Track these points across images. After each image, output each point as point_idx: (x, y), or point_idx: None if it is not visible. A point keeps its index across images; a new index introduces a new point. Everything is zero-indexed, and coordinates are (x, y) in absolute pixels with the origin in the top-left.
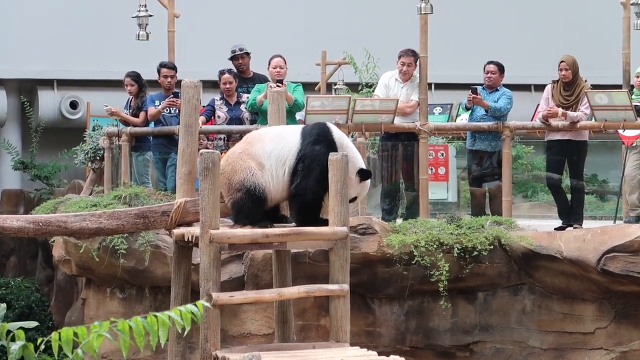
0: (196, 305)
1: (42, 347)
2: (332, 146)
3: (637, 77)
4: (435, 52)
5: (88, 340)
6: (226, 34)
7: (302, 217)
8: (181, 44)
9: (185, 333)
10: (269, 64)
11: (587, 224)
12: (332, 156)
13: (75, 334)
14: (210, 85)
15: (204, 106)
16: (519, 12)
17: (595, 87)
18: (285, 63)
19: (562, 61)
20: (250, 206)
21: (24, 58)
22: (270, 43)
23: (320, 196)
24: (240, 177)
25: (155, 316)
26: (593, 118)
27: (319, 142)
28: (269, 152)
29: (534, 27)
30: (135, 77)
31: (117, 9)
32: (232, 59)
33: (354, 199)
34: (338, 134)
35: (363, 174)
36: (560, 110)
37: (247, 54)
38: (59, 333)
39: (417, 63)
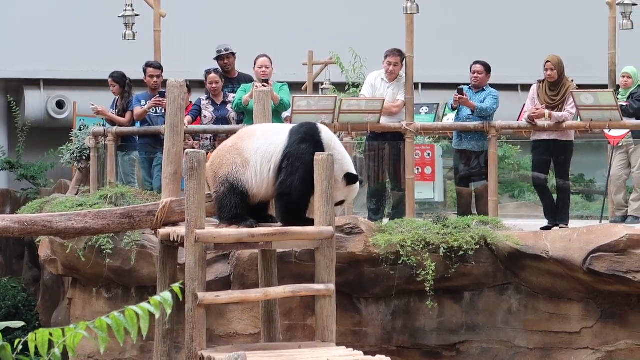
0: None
1: (20, 347)
2: (318, 146)
3: (623, 77)
4: (422, 52)
5: (64, 340)
6: (212, 33)
7: (287, 217)
8: (167, 44)
9: (167, 317)
10: (255, 64)
11: (573, 223)
12: (317, 156)
13: (51, 335)
14: (196, 85)
15: (191, 102)
16: (505, 12)
17: (581, 87)
18: (271, 63)
19: (547, 61)
20: (232, 201)
21: (11, 58)
22: (256, 42)
23: (307, 196)
24: (225, 171)
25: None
26: (579, 118)
27: (305, 141)
28: (256, 148)
29: (520, 27)
30: (117, 77)
31: (103, 8)
32: (217, 59)
33: (341, 203)
34: (327, 135)
35: (350, 178)
36: (546, 112)
37: (233, 54)
38: (36, 334)
39: (404, 63)
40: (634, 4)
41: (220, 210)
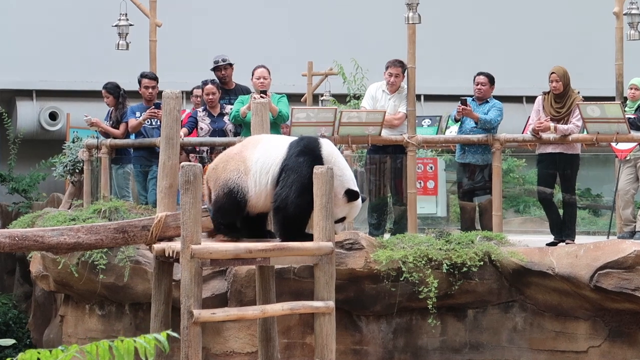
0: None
1: None
2: (317, 160)
3: (631, 88)
4: (424, 63)
5: None
6: (209, 43)
7: (285, 232)
8: (163, 54)
9: None
10: (252, 75)
11: (579, 239)
12: (316, 169)
13: (39, 358)
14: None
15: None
16: (509, 23)
17: (587, 99)
18: (269, 73)
19: (552, 72)
20: (229, 207)
21: (2, 68)
22: (254, 53)
23: (304, 210)
24: (227, 176)
25: (122, 341)
26: (585, 131)
27: (303, 154)
28: (257, 158)
29: (524, 37)
30: (111, 88)
31: (97, 18)
32: (214, 69)
33: (341, 220)
34: (328, 150)
35: (350, 195)
36: (551, 125)
37: (230, 64)
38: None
39: (405, 74)
40: None
41: (215, 213)
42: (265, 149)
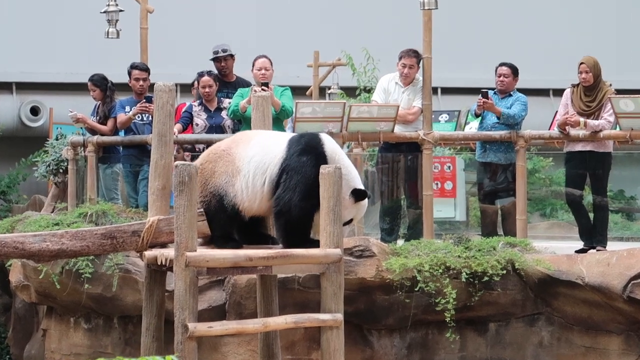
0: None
1: None
2: (321, 159)
3: None
4: (441, 52)
5: None
6: (205, 31)
7: (288, 238)
8: (155, 43)
9: None
10: (253, 66)
11: (612, 245)
12: (323, 169)
13: None
14: (187, 89)
15: (186, 111)
16: (535, 8)
17: (620, 92)
18: (272, 64)
19: (581, 63)
20: (222, 217)
21: None
22: (255, 42)
23: (309, 214)
24: (217, 181)
25: None
26: (618, 127)
27: (306, 153)
28: (251, 156)
29: (551, 24)
30: (97, 80)
31: (84, 3)
32: (213, 60)
33: (349, 222)
34: (331, 147)
35: (358, 194)
36: (581, 120)
37: (232, 55)
38: None
39: (420, 65)
40: None
41: (210, 224)
42: (260, 147)
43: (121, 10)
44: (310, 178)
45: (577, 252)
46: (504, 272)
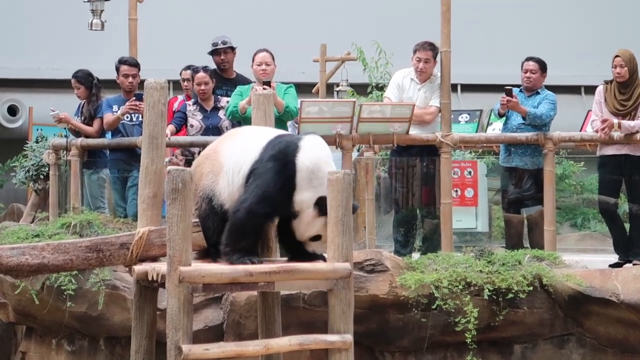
0: None
1: None
2: (288, 169)
3: None
4: (461, 46)
5: None
6: (201, 23)
7: (225, 239)
8: (145, 36)
9: None
10: (253, 60)
11: None
12: (331, 175)
13: None
14: (180, 86)
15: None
16: None
17: None
18: (273, 59)
19: (616, 56)
20: (215, 220)
21: None
22: (255, 34)
23: (257, 222)
24: (204, 183)
25: None
26: None
27: (274, 160)
28: (232, 153)
29: (583, 15)
30: (82, 77)
31: None
32: (212, 53)
33: (316, 238)
34: (308, 156)
35: (322, 206)
36: (615, 121)
37: (232, 48)
38: None
39: (437, 59)
40: None
41: (204, 231)
42: (241, 144)
43: (107, 0)
44: (270, 185)
45: (612, 266)
46: (531, 288)
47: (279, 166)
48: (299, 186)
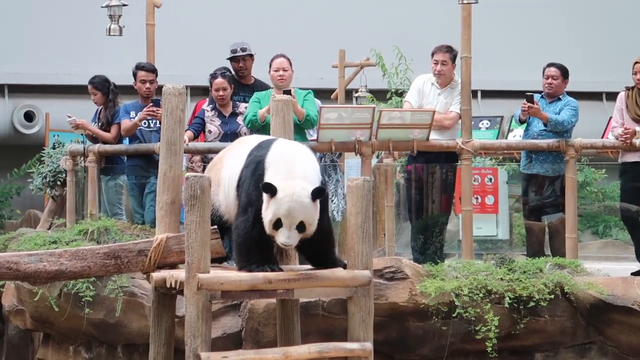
0: None
1: None
2: (259, 170)
3: None
4: (482, 51)
5: None
6: (218, 28)
7: (236, 261)
8: (163, 41)
9: None
10: (270, 66)
11: None
12: (350, 182)
13: None
14: (199, 92)
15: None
16: (586, 3)
17: None
18: (291, 64)
19: (636, 62)
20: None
21: None
22: (274, 39)
23: (253, 233)
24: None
25: None
26: None
27: (250, 165)
28: (229, 165)
29: (604, 22)
30: (99, 83)
31: None
32: (231, 59)
33: (276, 224)
34: (277, 153)
35: (264, 188)
36: (638, 129)
37: (251, 55)
38: None
39: (455, 62)
40: None
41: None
42: (240, 154)
43: (125, 5)
44: (247, 193)
45: (634, 274)
46: (552, 296)
47: (252, 171)
48: (267, 179)
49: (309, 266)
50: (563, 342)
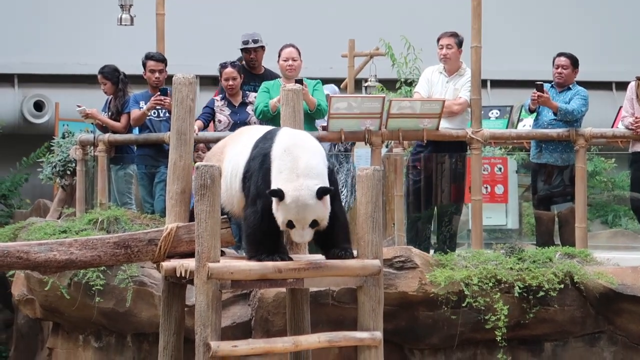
0: None
1: None
2: (266, 162)
3: None
4: (492, 41)
5: None
6: (228, 17)
7: (246, 250)
8: (173, 31)
9: None
10: (279, 56)
11: None
12: (360, 171)
13: None
14: (209, 82)
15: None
16: None
17: None
18: (300, 54)
19: None
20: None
21: None
22: (283, 29)
23: (262, 224)
24: None
25: None
26: None
27: (257, 157)
28: (232, 156)
29: (614, 11)
30: (109, 73)
31: None
32: (242, 50)
33: (289, 225)
34: (282, 144)
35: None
36: None
37: (262, 47)
38: None
39: (462, 49)
40: None
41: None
42: (242, 145)
43: None
44: (256, 184)
45: None
46: (562, 286)
47: (259, 162)
48: (273, 177)
49: (319, 255)
50: (573, 331)
